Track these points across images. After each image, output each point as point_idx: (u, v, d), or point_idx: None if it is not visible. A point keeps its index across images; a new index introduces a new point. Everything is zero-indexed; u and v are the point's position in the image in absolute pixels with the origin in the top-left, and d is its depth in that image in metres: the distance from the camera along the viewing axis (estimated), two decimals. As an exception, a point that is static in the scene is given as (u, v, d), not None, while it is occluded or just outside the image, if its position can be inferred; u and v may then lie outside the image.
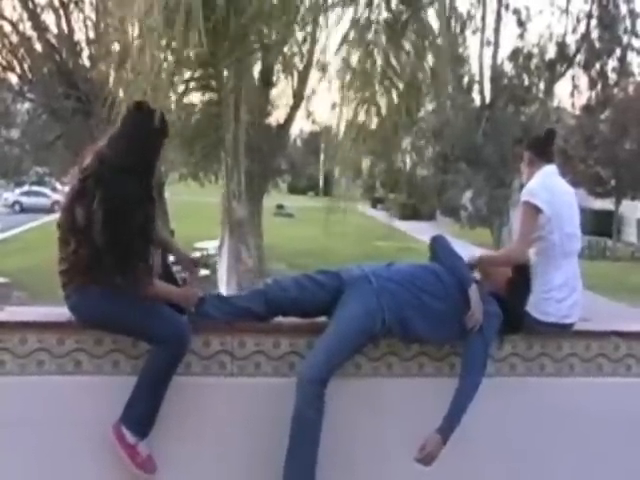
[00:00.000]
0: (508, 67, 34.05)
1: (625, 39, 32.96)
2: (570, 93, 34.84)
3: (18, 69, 19.04)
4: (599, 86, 35.70)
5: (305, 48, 16.74)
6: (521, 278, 4.58)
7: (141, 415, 4.01)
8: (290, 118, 18.89)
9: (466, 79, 33.94)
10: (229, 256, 13.94)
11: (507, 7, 32.15)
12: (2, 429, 4.07)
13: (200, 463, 4.27)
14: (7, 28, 18.75)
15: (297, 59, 17.14)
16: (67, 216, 3.90)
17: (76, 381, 4.12)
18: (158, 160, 4.11)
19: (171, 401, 4.14)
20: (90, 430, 4.04)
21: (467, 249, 4.95)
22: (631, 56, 33.99)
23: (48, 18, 19.22)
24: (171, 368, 4.03)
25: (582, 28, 32.50)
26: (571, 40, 32.96)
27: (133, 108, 4.08)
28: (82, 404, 4.04)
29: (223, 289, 13.57)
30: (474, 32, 32.08)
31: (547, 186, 4.66)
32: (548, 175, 4.75)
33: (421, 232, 38.03)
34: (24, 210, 53.87)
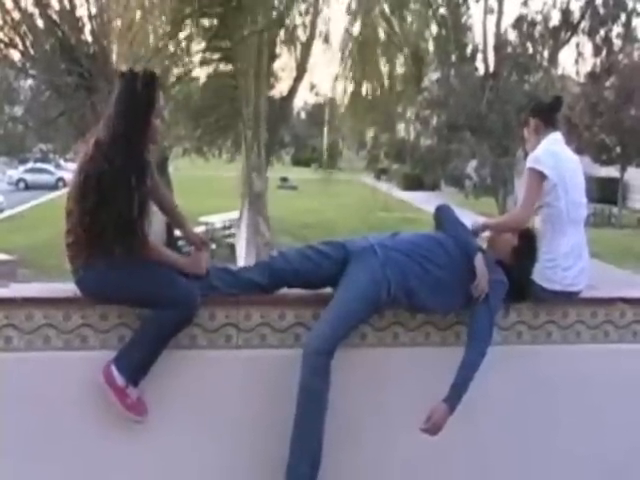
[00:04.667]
0: (512, 35, 33.90)
1: (630, 4, 32.73)
2: (574, 60, 34.71)
3: (20, 46, 18.93)
4: (604, 53, 35.53)
5: (308, 19, 16.71)
6: (527, 246, 4.58)
7: (135, 363, 4.00)
8: (293, 90, 18.82)
9: (469, 48, 33.78)
10: (248, 229, 13.96)
11: (510, -26, 31.88)
12: (8, 405, 4.08)
13: (206, 435, 4.29)
14: (9, 4, 18.66)
15: (300, 30, 17.11)
16: (77, 204, 3.89)
17: (83, 356, 4.13)
18: (150, 125, 4.03)
19: (177, 374, 4.16)
20: (96, 405, 4.05)
21: (472, 219, 4.94)
22: (636, 22, 33.92)
23: (50, -6, 19.12)
24: (176, 328, 4.04)
25: (587, -7, 32.29)
26: (575, 7, 32.88)
27: (120, 76, 4.05)
28: (89, 379, 4.04)
29: (241, 261, 13.59)
30: (477, 0, 31.87)
31: (553, 153, 4.64)
32: (554, 142, 4.73)
33: (425, 202, 38.02)
34: (28, 187, 53.96)
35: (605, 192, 39.22)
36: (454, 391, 4.07)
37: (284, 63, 18.29)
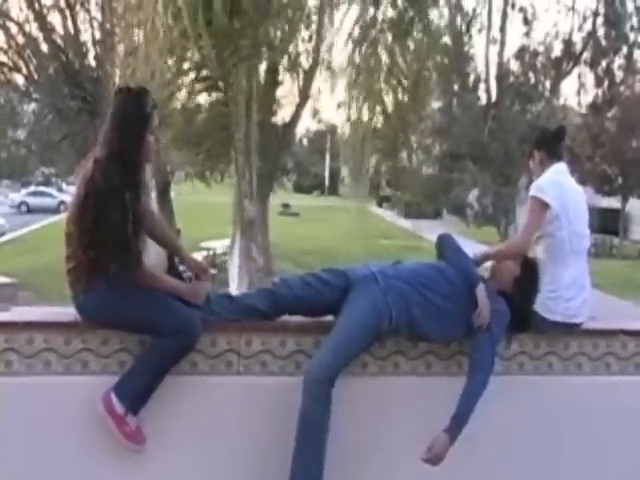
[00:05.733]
0: (514, 65, 34.09)
1: (632, 37, 32.91)
2: (576, 91, 34.83)
3: (24, 70, 19.06)
4: (605, 84, 35.69)
5: (311, 47, 16.80)
6: (529, 276, 4.57)
7: (135, 391, 3.98)
8: (296, 117, 18.88)
9: (472, 77, 33.94)
10: (240, 255, 13.97)
11: (513, 5, 32.06)
12: (8, 429, 4.07)
13: (206, 462, 4.26)
14: (13, 29, 18.79)
15: (303, 58, 17.19)
16: (75, 226, 3.89)
17: (83, 381, 4.12)
18: (145, 142, 4.02)
19: (178, 400, 4.15)
20: (97, 430, 4.03)
21: (474, 248, 4.94)
22: (638, 53, 33.99)
23: (54, 19, 19.26)
24: (177, 356, 4.02)
25: (588, 26, 32.48)
26: (577, 38, 32.95)
27: (115, 93, 4.07)
28: (89, 404, 4.03)
29: (234, 288, 13.57)
30: (480, 30, 32.01)
31: (556, 183, 4.64)
32: (558, 173, 4.73)
33: (427, 231, 38.03)
34: (30, 211, 53.98)
35: (606, 223, 39.27)
36: (455, 421, 4.05)
37: (287, 90, 18.36)
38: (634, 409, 4.80)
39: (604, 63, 34.12)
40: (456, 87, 32.88)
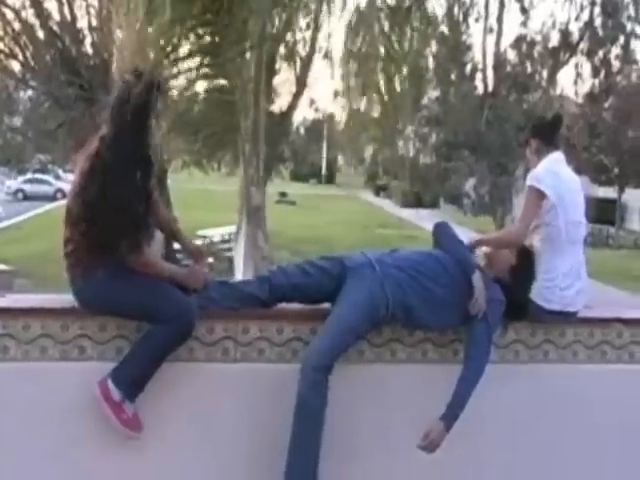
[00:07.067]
0: (511, 55, 34.06)
1: (629, 26, 32.88)
2: (573, 81, 34.79)
3: (20, 56, 18.98)
4: (602, 74, 35.64)
5: (308, 35, 16.78)
6: (525, 265, 4.57)
7: (132, 378, 3.97)
8: (293, 105, 18.86)
9: (469, 66, 33.90)
10: (246, 243, 13.97)
11: (510, -6, 32.02)
12: (5, 415, 4.08)
13: (203, 449, 4.28)
14: (9, 15, 18.71)
15: (300, 46, 17.16)
16: (77, 197, 3.87)
17: (80, 367, 4.13)
18: (151, 123, 4.02)
19: (174, 387, 4.15)
20: (94, 416, 4.04)
21: (470, 236, 4.95)
22: (634, 43, 33.97)
23: (50, 5, 19.18)
24: (175, 343, 4.02)
25: (585, 15, 32.42)
26: (574, 27, 32.96)
27: (131, 75, 4.06)
28: (86, 390, 4.04)
29: (239, 275, 13.60)
30: (477, 19, 31.94)
31: (553, 172, 4.64)
32: (554, 162, 4.73)
33: (424, 220, 38.02)
34: (27, 198, 53.86)
35: (603, 213, 39.29)
36: (451, 409, 4.06)
37: (284, 78, 18.35)
38: (629, 397, 4.82)
39: (601, 53, 34.07)
40: (453, 76, 32.82)
